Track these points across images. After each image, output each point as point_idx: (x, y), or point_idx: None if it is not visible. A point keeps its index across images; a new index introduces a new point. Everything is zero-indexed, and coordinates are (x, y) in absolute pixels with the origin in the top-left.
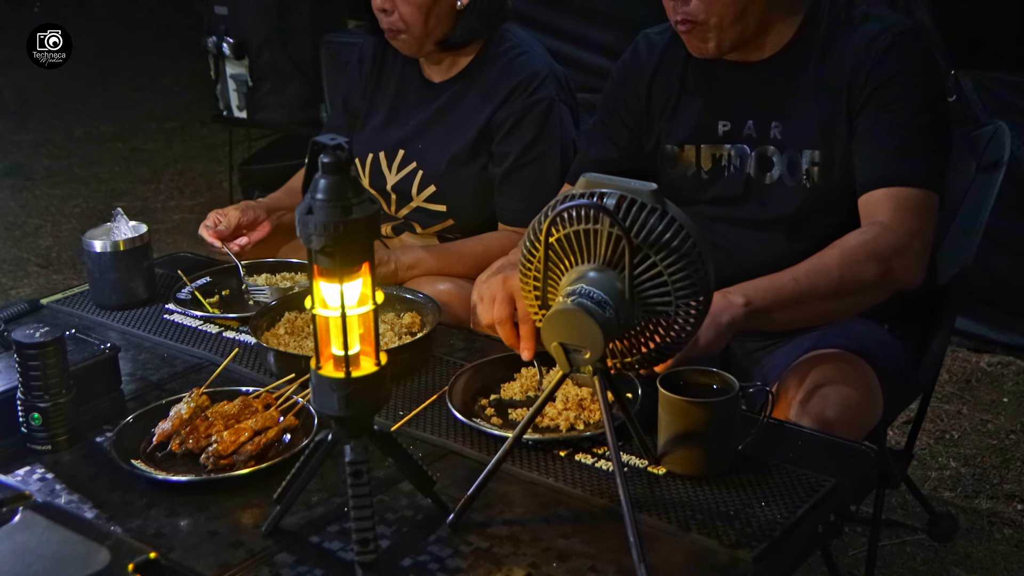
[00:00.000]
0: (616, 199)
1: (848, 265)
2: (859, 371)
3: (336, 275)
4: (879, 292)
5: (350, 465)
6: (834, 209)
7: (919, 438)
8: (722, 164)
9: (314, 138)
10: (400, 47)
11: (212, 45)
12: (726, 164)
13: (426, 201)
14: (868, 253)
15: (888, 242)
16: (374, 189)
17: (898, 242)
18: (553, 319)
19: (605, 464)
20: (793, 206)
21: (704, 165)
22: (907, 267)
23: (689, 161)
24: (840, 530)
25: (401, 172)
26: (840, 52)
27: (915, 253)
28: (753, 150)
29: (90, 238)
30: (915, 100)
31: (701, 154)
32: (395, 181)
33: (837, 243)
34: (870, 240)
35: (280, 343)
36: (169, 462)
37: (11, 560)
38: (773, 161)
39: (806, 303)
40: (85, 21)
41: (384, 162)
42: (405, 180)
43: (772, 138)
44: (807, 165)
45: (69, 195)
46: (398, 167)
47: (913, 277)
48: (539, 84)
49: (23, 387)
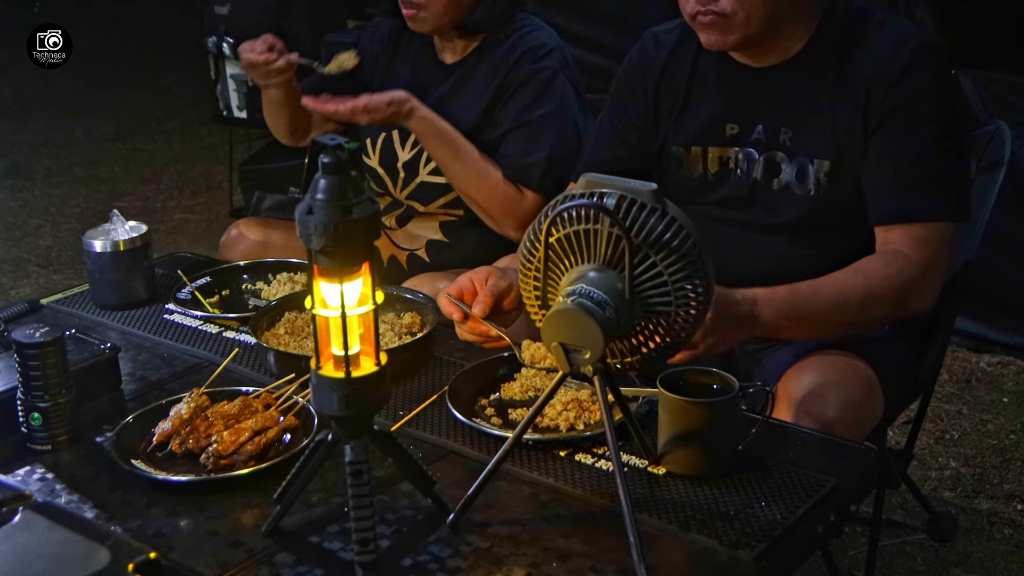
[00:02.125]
0: (616, 199)
1: (868, 302)
2: (859, 371)
3: (336, 275)
4: (893, 319)
5: (350, 465)
6: (841, 217)
7: (919, 438)
8: (729, 167)
9: (314, 138)
10: (415, 25)
11: (212, 45)
12: (733, 167)
13: (431, 174)
14: (889, 292)
15: (909, 278)
16: (383, 167)
17: (918, 277)
18: (553, 319)
19: (605, 464)
20: (800, 213)
21: (711, 167)
22: (922, 302)
23: (695, 162)
24: (840, 530)
25: (414, 149)
26: (858, 61)
27: (931, 285)
28: (761, 155)
29: (90, 238)
30: (934, 127)
31: (708, 156)
32: (407, 158)
33: (862, 276)
34: (893, 276)
35: (280, 343)
36: (169, 462)
37: (11, 560)
38: (781, 167)
39: (819, 330)
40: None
41: (397, 140)
42: (416, 157)
43: (782, 144)
44: (817, 174)
45: (69, 195)
46: (412, 144)
47: (926, 308)
48: (546, 54)
49: (23, 387)
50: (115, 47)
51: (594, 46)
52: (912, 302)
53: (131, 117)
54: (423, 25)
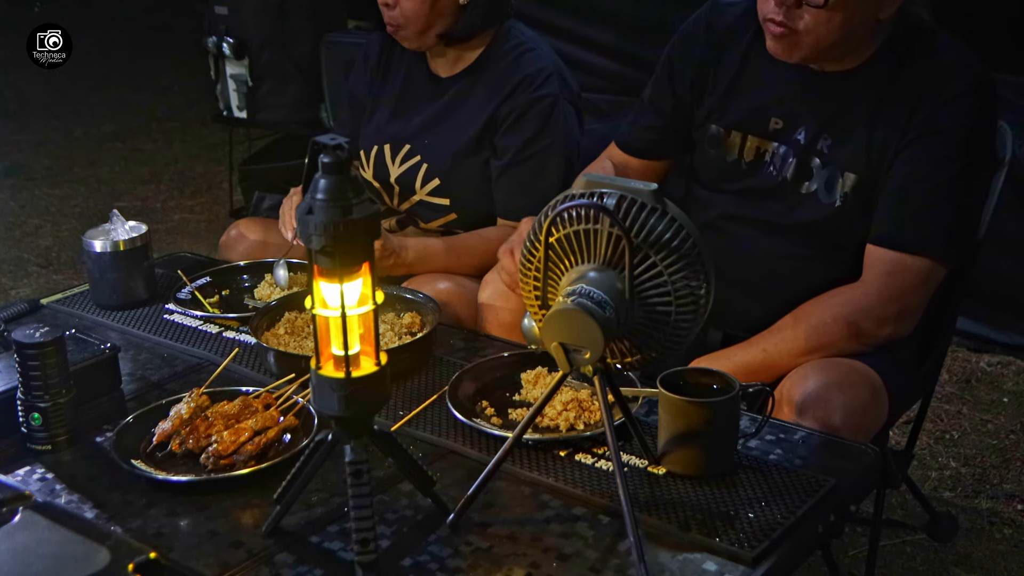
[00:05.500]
0: (616, 199)
1: (813, 328)
2: (862, 374)
3: (336, 275)
4: (857, 347)
5: (350, 465)
6: (857, 233)
7: (919, 438)
8: (764, 159)
9: (314, 138)
10: (402, 41)
11: (212, 45)
12: (768, 160)
13: (429, 195)
14: (834, 316)
15: (856, 304)
16: (378, 181)
17: (867, 304)
18: (553, 319)
19: (605, 464)
20: (819, 220)
21: (747, 156)
22: (878, 327)
23: (732, 147)
24: (840, 530)
25: (405, 165)
26: (909, 82)
27: (889, 316)
28: (796, 156)
29: (90, 238)
30: (958, 165)
31: (747, 144)
32: (399, 174)
33: (803, 308)
34: (836, 303)
35: (280, 343)
36: (169, 462)
37: (11, 560)
38: (813, 172)
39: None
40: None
41: (388, 155)
42: (409, 173)
43: (819, 151)
44: (846, 187)
45: (69, 195)
46: (402, 160)
47: (888, 335)
48: (544, 80)
49: (23, 387)
50: (115, 47)
51: (594, 46)
52: (866, 327)
53: (131, 117)
54: (408, 42)
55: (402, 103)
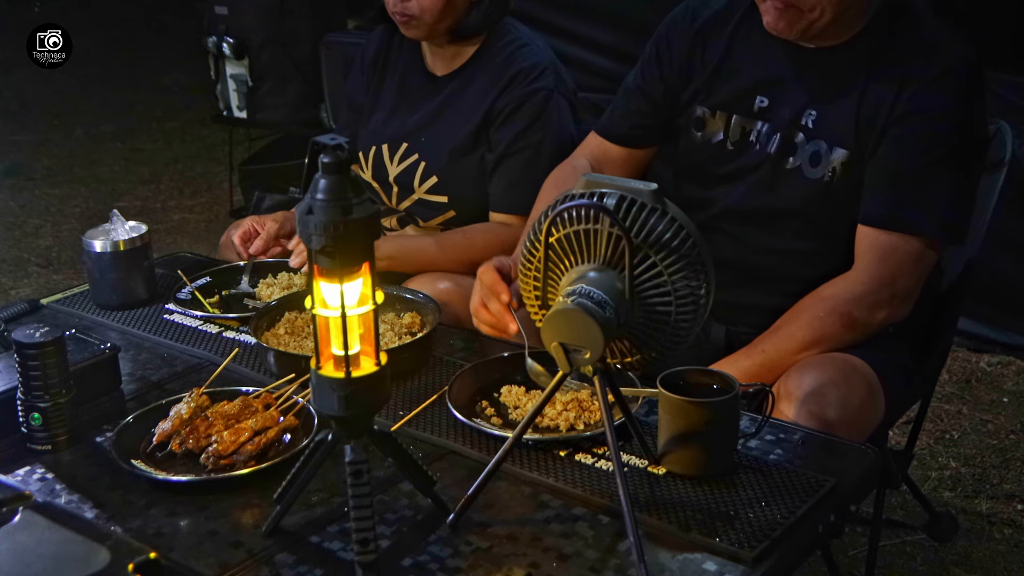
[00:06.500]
0: (616, 199)
1: (808, 323)
2: (860, 372)
3: (336, 275)
4: (855, 337)
5: (350, 465)
6: (846, 211)
7: (919, 438)
8: (750, 139)
9: (314, 138)
10: (409, 32)
11: (212, 45)
12: (754, 140)
13: (427, 192)
14: (827, 310)
15: (848, 294)
16: (376, 181)
17: (859, 292)
18: (553, 319)
19: (605, 464)
20: (809, 198)
21: (731, 136)
22: (872, 313)
23: (717, 129)
24: (840, 530)
25: (403, 164)
26: (897, 57)
27: (882, 300)
28: (780, 132)
29: (90, 238)
30: (949, 144)
31: (731, 125)
32: (397, 173)
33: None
34: (828, 296)
35: (280, 343)
36: (169, 462)
37: (11, 560)
38: (796, 148)
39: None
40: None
41: (387, 154)
42: (407, 172)
43: (803, 125)
44: (834, 162)
45: (69, 195)
46: (400, 159)
47: (884, 319)
48: (539, 74)
49: (23, 387)
50: (115, 47)
51: (594, 46)
52: (859, 315)
53: (131, 117)
54: (417, 32)
55: (399, 103)
